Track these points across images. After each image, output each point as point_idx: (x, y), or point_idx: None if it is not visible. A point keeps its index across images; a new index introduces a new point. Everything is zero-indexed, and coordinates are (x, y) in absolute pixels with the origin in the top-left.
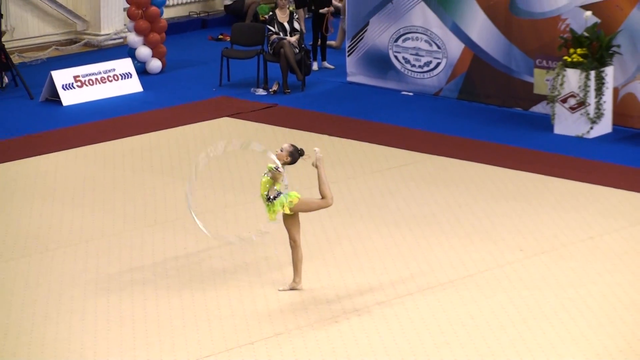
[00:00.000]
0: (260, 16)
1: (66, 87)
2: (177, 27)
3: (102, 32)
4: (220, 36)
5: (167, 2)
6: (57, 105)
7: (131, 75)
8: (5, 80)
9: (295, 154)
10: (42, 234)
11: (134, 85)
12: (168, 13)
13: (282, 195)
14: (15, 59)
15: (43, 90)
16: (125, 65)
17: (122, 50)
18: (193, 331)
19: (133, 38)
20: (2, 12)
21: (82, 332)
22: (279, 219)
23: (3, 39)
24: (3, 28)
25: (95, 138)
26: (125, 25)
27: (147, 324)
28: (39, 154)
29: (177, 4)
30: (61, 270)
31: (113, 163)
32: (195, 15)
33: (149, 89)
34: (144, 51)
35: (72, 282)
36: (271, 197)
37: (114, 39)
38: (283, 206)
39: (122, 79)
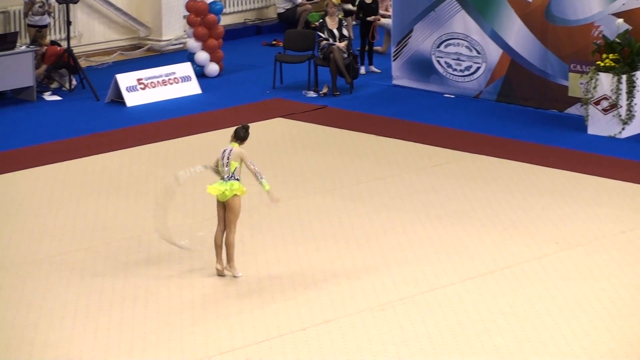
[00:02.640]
0: (311, 23)
1: (130, 89)
2: (233, 34)
3: (164, 38)
4: (273, 42)
5: (224, 10)
6: (122, 107)
7: (190, 78)
8: (74, 82)
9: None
10: (108, 226)
11: (193, 88)
12: (225, 20)
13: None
14: (83, 63)
15: (108, 92)
16: (185, 69)
17: (182, 55)
18: (248, 318)
19: (192, 43)
20: (71, 20)
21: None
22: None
23: (71, 44)
24: (72, 34)
25: (156, 137)
26: (185, 31)
27: (206, 310)
28: (105, 152)
29: (234, 12)
30: (125, 260)
31: (174, 160)
32: (250, 22)
33: (207, 91)
34: (202, 56)
35: (135, 271)
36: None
37: (175, 45)
38: (242, 191)
39: (182, 81)
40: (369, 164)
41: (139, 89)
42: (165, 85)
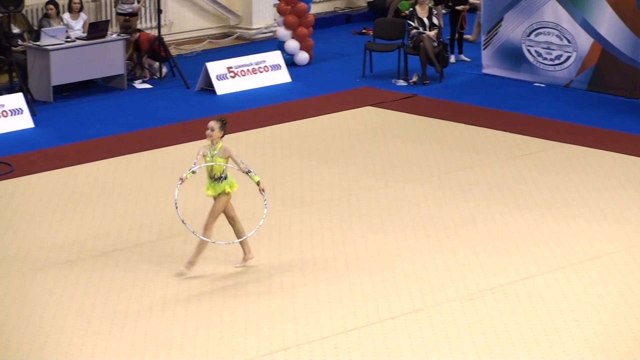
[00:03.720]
0: (402, 12)
1: (220, 77)
2: (323, 22)
3: (254, 27)
4: (363, 30)
5: None
6: (212, 95)
7: (280, 66)
8: (164, 70)
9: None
10: (198, 213)
11: (283, 76)
12: (315, 9)
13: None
14: (173, 51)
15: (199, 80)
16: (275, 57)
17: (272, 43)
18: (338, 307)
19: (282, 32)
20: (162, 8)
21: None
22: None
23: (162, 33)
24: (162, 22)
25: (246, 125)
26: (275, 20)
27: (294, 298)
28: (194, 140)
29: (324, 1)
30: (214, 247)
31: (263, 148)
32: (340, 11)
33: (297, 79)
34: (292, 44)
35: (225, 259)
36: (222, 177)
37: (265, 33)
38: (231, 188)
39: (272, 70)
40: (458, 153)
41: (229, 77)
42: (255, 73)
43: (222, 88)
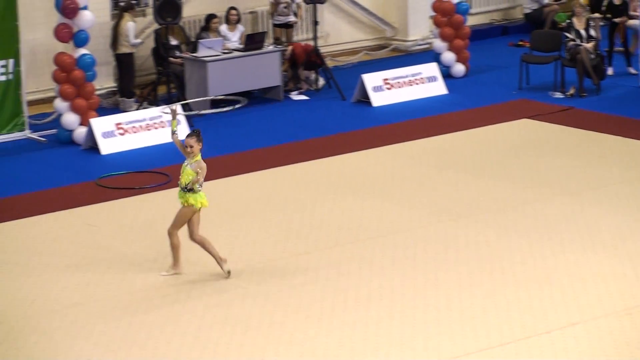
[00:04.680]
0: (558, 24)
1: (376, 89)
2: (479, 34)
3: (410, 38)
4: (520, 42)
5: (471, 10)
6: (367, 106)
7: (436, 78)
8: (321, 82)
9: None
10: (354, 225)
11: (439, 88)
12: (471, 20)
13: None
14: (329, 63)
15: (355, 92)
16: (431, 69)
17: (427, 55)
18: (493, 319)
19: (438, 44)
20: (318, 20)
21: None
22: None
23: (318, 44)
24: (318, 34)
25: (402, 137)
26: (431, 31)
27: (450, 310)
28: (350, 152)
29: (480, 12)
30: (371, 259)
31: (419, 160)
32: (497, 23)
33: (453, 91)
34: (448, 56)
35: (380, 271)
36: (188, 188)
37: (420, 45)
38: (195, 202)
39: (427, 82)
40: (616, 167)
41: (385, 88)
42: (411, 85)
43: (377, 100)
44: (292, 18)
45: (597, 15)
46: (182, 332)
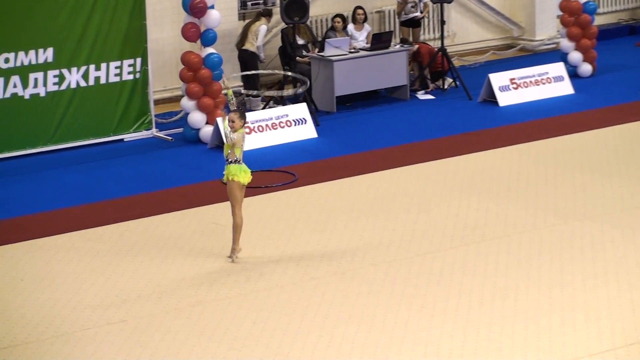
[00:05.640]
0: None
1: (502, 88)
2: (606, 34)
3: (537, 38)
4: None
5: (598, 10)
6: (494, 106)
7: (563, 78)
8: (448, 81)
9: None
10: (479, 224)
11: (565, 88)
12: (598, 20)
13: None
14: (456, 62)
15: (481, 92)
16: (557, 69)
17: (553, 54)
18: (618, 319)
19: (565, 43)
20: (445, 19)
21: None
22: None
23: (445, 44)
24: (445, 33)
25: (529, 137)
26: (558, 31)
27: (575, 311)
28: (476, 151)
29: (607, 12)
30: (495, 259)
31: (545, 160)
32: (624, 22)
33: (580, 91)
34: (575, 56)
35: (505, 271)
36: (230, 160)
37: (547, 44)
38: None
39: (554, 81)
40: None
41: (512, 88)
42: (538, 85)
43: (504, 99)
44: (418, 14)
45: None
46: (306, 330)
